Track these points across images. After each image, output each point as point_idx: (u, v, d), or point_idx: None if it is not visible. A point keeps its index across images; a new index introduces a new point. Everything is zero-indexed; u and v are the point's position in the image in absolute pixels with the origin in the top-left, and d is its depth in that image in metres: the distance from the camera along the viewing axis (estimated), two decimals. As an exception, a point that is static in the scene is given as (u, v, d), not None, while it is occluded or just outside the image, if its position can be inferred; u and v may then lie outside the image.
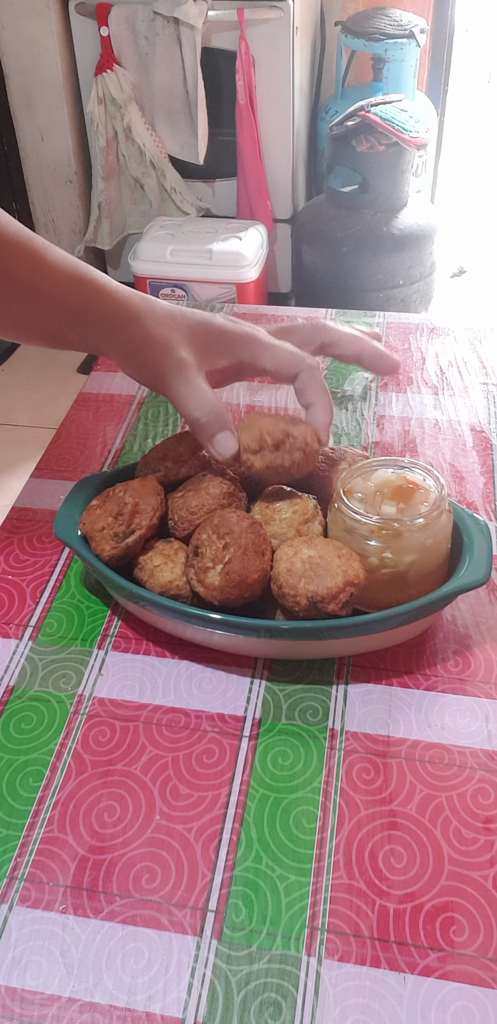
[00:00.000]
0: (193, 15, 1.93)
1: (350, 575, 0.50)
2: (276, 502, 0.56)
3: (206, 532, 0.53)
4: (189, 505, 0.56)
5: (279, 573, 0.52)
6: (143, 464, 0.61)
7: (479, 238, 2.69)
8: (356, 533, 0.52)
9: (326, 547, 0.52)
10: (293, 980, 0.40)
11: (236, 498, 0.57)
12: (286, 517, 0.56)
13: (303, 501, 0.56)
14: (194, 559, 0.53)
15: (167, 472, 0.59)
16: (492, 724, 0.51)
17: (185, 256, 2.07)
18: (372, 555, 0.52)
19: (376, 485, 0.55)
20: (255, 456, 0.55)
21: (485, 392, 0.79)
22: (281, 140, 2.14)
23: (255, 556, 0.52)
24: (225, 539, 0.52)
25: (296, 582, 0.51)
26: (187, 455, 0.59)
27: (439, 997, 0.39)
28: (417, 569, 0.52)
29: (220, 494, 0.56)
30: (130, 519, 0.55)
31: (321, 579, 0.50)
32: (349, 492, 0.54)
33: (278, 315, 0.91)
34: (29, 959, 0.41)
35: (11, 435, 1.90)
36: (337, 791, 0.47)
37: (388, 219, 1.99)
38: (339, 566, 0.51)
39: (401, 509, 0.53)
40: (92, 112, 2.11)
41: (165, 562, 0.55)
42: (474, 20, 2.61)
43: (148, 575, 0.54)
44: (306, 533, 0.55)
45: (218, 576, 0.51)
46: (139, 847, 0.45)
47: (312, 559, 0.51)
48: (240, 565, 0.51)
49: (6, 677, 0.54)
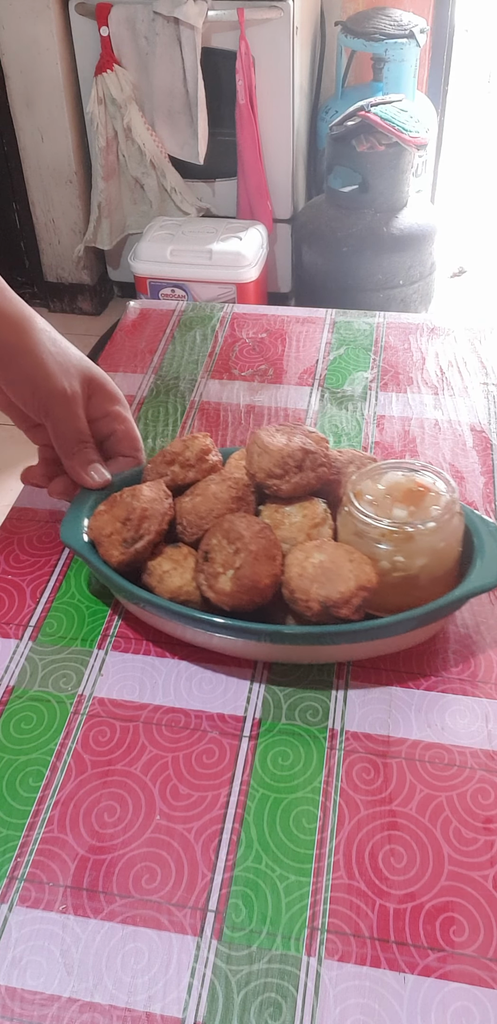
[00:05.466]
0: (193, 15, 1.93)
1: (362, 579, 0.50)
2: (285, 506, 0.56)
3: (216, 537, 0.53)
4: (198, 510, 0.55)
5: (290, 578, 0.51)
6: (149, 469, 0.60)
7: (479, 238, 2.69)
8: (367, 536, 0.52)
9: (337, 551, 0.52)
10: (293, 980, 0.40)
11: (245, 502, 0.57)
12: (296, 521, 0.55)
13: (313, 505, 0.56)
14: (204, 564, 0.53)
15: (174, 477, 0.59)
16: (492, 724, 0.51)
17: (185, 256, 2.07)
18: (383, 559, 0.52)
19: (386, 488, 0.55)
20: (281, 481, 0.55)
21: (485, 392, 0.79)
22: (281, 140, 2.14)
23: (266, 561, 0.51)
24: (235, 544, 0.52)
25: (308, 587, 0.50)
26: (194, 459, 0.59)
27: (439, 997, 0.39)
28: (428, 572, 0.52)
29: (229, 498, 0.56)
30: (139, 524, 0.54)
31: (333, 583, 0.50)
32: (359, 495, 0.54)
33: (278, 315, 0.91)
34: (29, 959, 0.41)
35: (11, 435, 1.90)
36: (337, 791, 0.47)
37: (388, 219, 1.99)
38: (351, 570, 0.50)
39: (412, 512, 0.53)
40: (92, 112, 2.10)
41: (174, 567, 0.54)
42: (474, 20, 2.61)
43: (157, 580, 0.54)
44: (316, 537, 0.55)
45: (229, 581, 0.51)
46: (139, 847, 0.45)
47: (323, 563, 0.51)
48: (251, 570, 0.51)
49: (6, 677, 0.54)
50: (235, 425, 0.76)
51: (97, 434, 0.62)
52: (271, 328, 0.89)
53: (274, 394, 0.79)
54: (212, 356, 0.85)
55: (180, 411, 0.78)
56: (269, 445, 0.56)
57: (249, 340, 0.87)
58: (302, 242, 2.10)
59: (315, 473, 0.56)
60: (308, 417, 0.76)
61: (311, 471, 0.55)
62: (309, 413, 0.77)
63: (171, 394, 0.80)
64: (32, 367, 0.58)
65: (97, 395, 0.61)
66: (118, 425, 0.62)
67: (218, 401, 0.79)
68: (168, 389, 0.80)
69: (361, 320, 0.89)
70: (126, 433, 0.63)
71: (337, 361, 0.84)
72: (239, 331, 0.89)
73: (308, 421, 0.76)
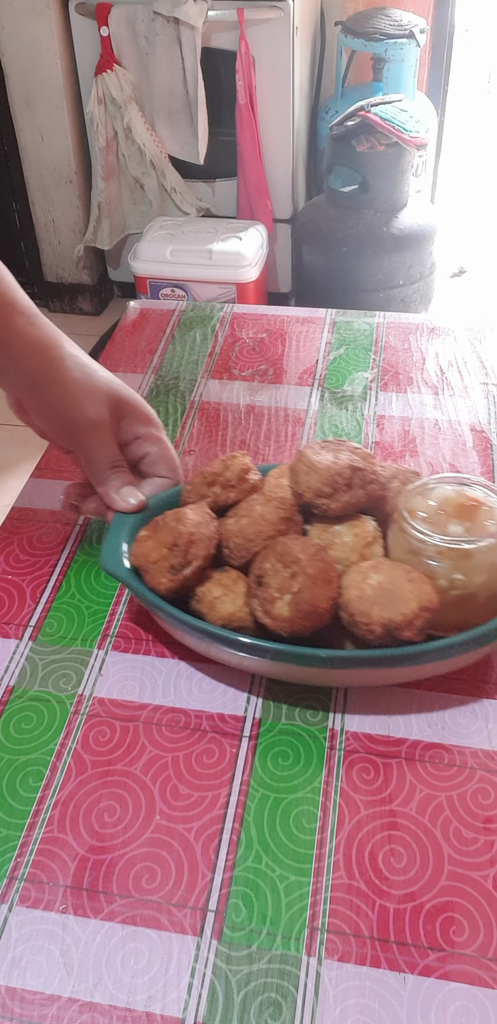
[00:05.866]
0: (193, 15, 1.93)
1: (424, 599, 0.49)
2: (334, 525, 0.54)
3: (269, 561, 0.51)
4: (245, 532, 0.54)
5: (349, 600, 0.50)
6: (189, 490, 0.58)
7: (479, 238, 2.69)
8: (422, 555, 0.51)
9: (395, 571, 0.50)
10: (293, 980, 0.40)
11: (293, 523, 0.55)
12: (347, 541, 0.53)
13: (362, 523, 0.54)
14: (258, 589, 0.51)
15: (215, 498, 0.57)
16: (492, 724, 0.51)
17: (185, 256, 2.07)
18: (441, 577, 0.50)
19: (438, 503, 0.53)
20: (330, 500, 0.54)
21: (485, 392, 0.79)
22: (281, 140, 2.14)
23: (324, 584, 0.50)
24: (291, 568, 0.50)
25: (368, 609, 0.49)
26: (235, 479, 0.57)
27: (439, 997, 0.39)
28: (487, 589, 0.50)
29: (277, 519, 0.54)
30: (186, 549, 0.52)
31: (395, 605, 0.48)
32: (412, 512, 0.52)
33: (278, 315, 0.91)
34: (29, 959, 0.41)
35: (11, 435, 1.90)
36: (337, 791, 0.47)
37: (388, 219, 1.99)
38: (411, 590, 0.49)
39: (467, 528, 0.51)
40: (92, 112, 2.10)
41: (225, 593, 0.52)
42: (474, 20, 2.61)
43: (208, 607, 0.52)
44: (369, 556, 0.53)
45: (286, 607, 0.49)
46: (139, 847, 0.45)
47: (382, 584, 0.49)
48: (310, 594, 0.49)
49: (6, 677, 0.54)
50: (235, 425, 0.76)
51: (131, 457, 0.61)
52: (271, 328, 0.89)
53: (274, 394, 0.79)
54: (212, 356, 0.85)
55: (180, 411, 0.78)
56: (317, 463, 0.54)
57: (249, 340, 0.87)
58: (302, 242, 2.10)
59: (364, 491, 0.54)
60: (308, 417, 0.76)
61: (360, 488, 0.54)
62: (309, 413, 0.77)
63: (171, 394, 0.80)
64: (58, 396, 0.57)
65: (128, 417, 0.60)
66: (151, 448, 0.61)
67: (218, 401, 0.79)
68: (168, 389, 0.80)
69: (361, 320, 0.90)
70: (161, 455, 0.61)
71: (337, 361, 0.84)
72: (239, 331, 0.89)
73: (308, 421, 0.76)
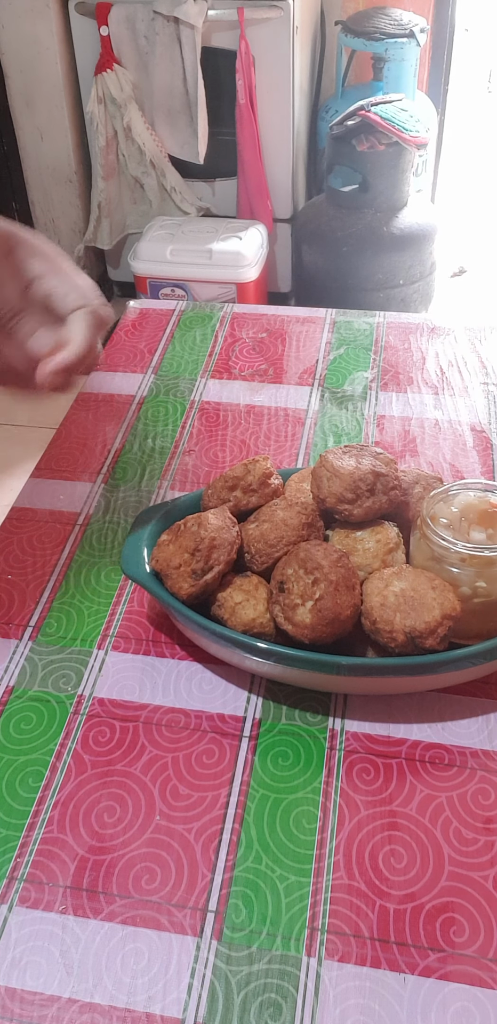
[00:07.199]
0: (193, 15, 1.92)
1: (447, 607, 0.48)
2: (356, 531, 0.54)
3: (291, 567, 0.51)
4: (267, 538, 0.54)
5: (372, 608, 0.49)
6: (209, 494, 0.58)
7: (479, 238, 2.69)
8: (444, 562, 0.50)
9: (418, 578, 0.50)
10: (293, 981, 0.40)
11: (315, 528, 0.55)
12: (370, 547, 0.53)
13: (384, 529, 0.54)
14: (280, 595, 0.51)
15: (237, 502, 0.57)
16: (492, 724, 0.51)
17: (185, 256, 2.07)
18: (464, 584, 0.50)
19: (460, 510, 0.53)
20: (352, 505, 0.53)
21: (485, 392, 0.79)
22: (281, 140, 2.14)
23: (346, 591, 0.49)
24: (314, 574, 0.50)
25: (391, 617, 0.49)
26: (256, 484, 0.57)
27: (439, 998, 0.39)
28: None
29: (299, 525, 0.54)
30: (208, 554, 0.52)
31: (417, 613, 0.48)
32: (434, 518, 0.52)
33: (278, 315, 0.91)
34: (29, 959, 0.41)
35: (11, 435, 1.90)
36: (337, 791, 0.47)
37: (388, 219, 1.99)
38: (434, 598, 0.49)
39: (490, 535, 0.51)
40: (92, 112, 2.10)
41: (246, 599, 0.52)
42: (474, 20, 2.61)
43: (229, 613, 0.52)
44: (391, 563, 0.53)
45: (309, 613, 0.49)
46: (139, 847, 0.45)
47: (405, 592, 0.49)
48: (332, 601, 0.49)
49: (6, 677, 0.54)
50: (235, 425, 0.75)
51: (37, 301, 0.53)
52: (271, 328, 0.89)
53: (274, 394, 0.79)
54: (212, 356, 0.85)
55: (180, 411, 0.78)
56: (339, 469, 0.54)
57: (249, 340, 0.87)
58: (302, 242, 2.10)
59: (387, 497, 0.54)
60: (308, 417, 0.76)
61: (383, 494, 0.54)
62: (309, 413, 0.77)
63: (171, 394, 0.80)
64: None
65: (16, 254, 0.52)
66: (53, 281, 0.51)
67: (218, 401, 0.79)
68: (168, 389, 0.80)
69: (361, 320, 0.89)
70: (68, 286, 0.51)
71: (337, 361, 0.84)
72: (239, 331, 0.88)
73: (308, 421, 0.76)
